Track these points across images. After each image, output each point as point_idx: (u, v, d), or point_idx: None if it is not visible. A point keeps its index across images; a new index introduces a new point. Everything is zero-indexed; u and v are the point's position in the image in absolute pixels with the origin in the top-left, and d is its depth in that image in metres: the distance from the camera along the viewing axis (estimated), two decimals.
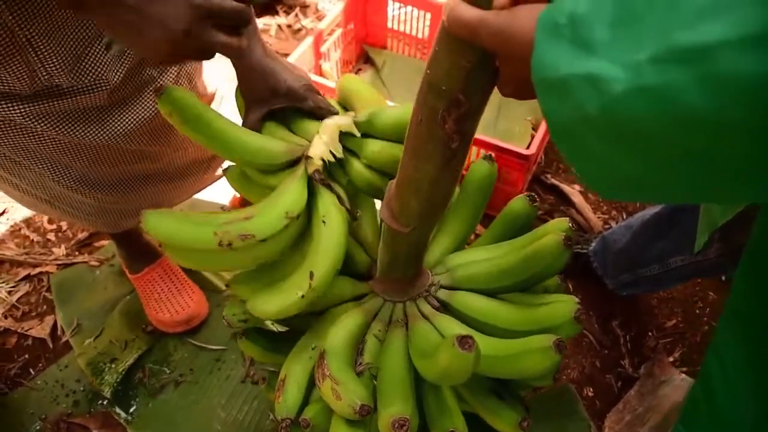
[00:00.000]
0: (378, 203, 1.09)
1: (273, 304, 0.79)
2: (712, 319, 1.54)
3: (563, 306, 0.78)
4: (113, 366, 1.40)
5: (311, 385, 0.86)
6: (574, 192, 1.72)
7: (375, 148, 0.87)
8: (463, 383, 0.80)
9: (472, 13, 0.51)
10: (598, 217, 1.70)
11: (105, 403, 1.36)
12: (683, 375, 1.44)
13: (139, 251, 1.49)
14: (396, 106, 0.88)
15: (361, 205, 1.04)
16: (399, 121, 0.85)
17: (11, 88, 0.85)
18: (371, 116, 0.87)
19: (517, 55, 0.49)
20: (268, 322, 1.16)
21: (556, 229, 0.90)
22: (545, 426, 1.34)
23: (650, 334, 1.51)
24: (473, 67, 0.58)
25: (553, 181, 1.76)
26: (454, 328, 0.82)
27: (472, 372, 0.66)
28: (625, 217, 1.72)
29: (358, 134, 0.88)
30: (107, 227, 1.27)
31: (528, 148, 1.50)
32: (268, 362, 0.97)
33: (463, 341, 0.64)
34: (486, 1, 0.52)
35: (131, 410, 1.35)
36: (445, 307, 0.89)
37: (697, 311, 1.56)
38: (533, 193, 0.99)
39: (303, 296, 0.76)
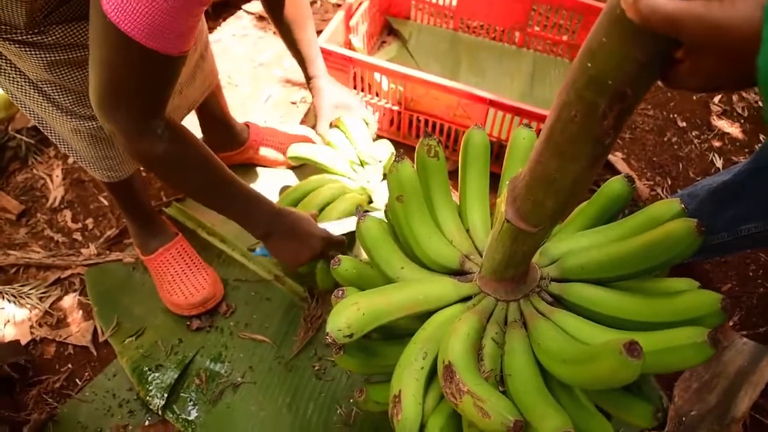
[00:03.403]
0: (455, 195, 1.04)
1: None
2: (766, 281, 1.54)
3: (707, 296, 0.74)
4: (159, 376, 1.34)
5: (425, 394, 0.82)
6: (617, 160, 1.68)
7: None
8: None
9: (673, 4, 0.46)
10: (644, 184, 1.66)
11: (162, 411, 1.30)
12: (745, 339, 1.43)
13: (154, 231, 1.46)
14: None
15: (441, 203, 0.99)
16: None
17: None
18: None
19: (730, 50, 0.44)
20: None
21: (668, 211, 0.86)
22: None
23: None
24: (649, 59, 0.53)
25: None
26: (580, 325, 0.78)
27: None
28: (669, 182, 1.69)
29: None
30: (109, 170, 1.23)
31: None
32: (365, 372, 0.92)
33: (632, 348, 0.60)
34: None
35: (191, 418, 1.29)
36: (558, 301, 0.85)
37: (751, 274, 1.55)
38: (630, 174, 0.94)
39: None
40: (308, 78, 1.44)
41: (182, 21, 0.75)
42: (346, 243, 1.28)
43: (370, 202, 1.48)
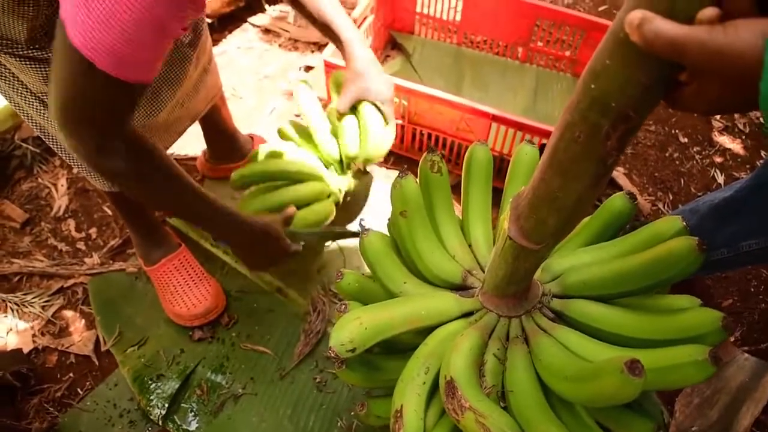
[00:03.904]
0: (457, 209, 1.05)
1: None
2: (767, 296, 1.54)
3: (708, 314, 0.75)
4: (160, 386, 1.34)
5: (426, 409, 0.82)
6: (619, 175, 1.69)
7: None
8: None
9: (677, 29, 0.47)
10: (645, 199, 1.67)
11: (162, 421, 1.30)
12: (746, 354, 1.43)
13: (157, 241, 1.46)
14: None
15: (443, 218, 0.99)
16: None
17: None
18: None
19: (733, 75, 0.45)
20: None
21: (670, 228, 0.86)
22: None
23: None
24: (653, 82, 0.54)
25: None
26: (581, 341, 0.78)
27: None
28: (671, 197, 1.69)
29: None
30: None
31: None
32: (367, 386, 0.92)
33: (633, 366, 0.61)
34: (690, 17, 0.47)
35: (192, 429, 1.29)
36: (560, 318, 0.85)
37: (752, 289, 1.55)
38: (632, 190, 0.95)
39: None
40: (340, 41, 1.25)
41: (148, 52, 0.76)
42: (304, 247, 1.28)
43: (337, 204, 1.45)
